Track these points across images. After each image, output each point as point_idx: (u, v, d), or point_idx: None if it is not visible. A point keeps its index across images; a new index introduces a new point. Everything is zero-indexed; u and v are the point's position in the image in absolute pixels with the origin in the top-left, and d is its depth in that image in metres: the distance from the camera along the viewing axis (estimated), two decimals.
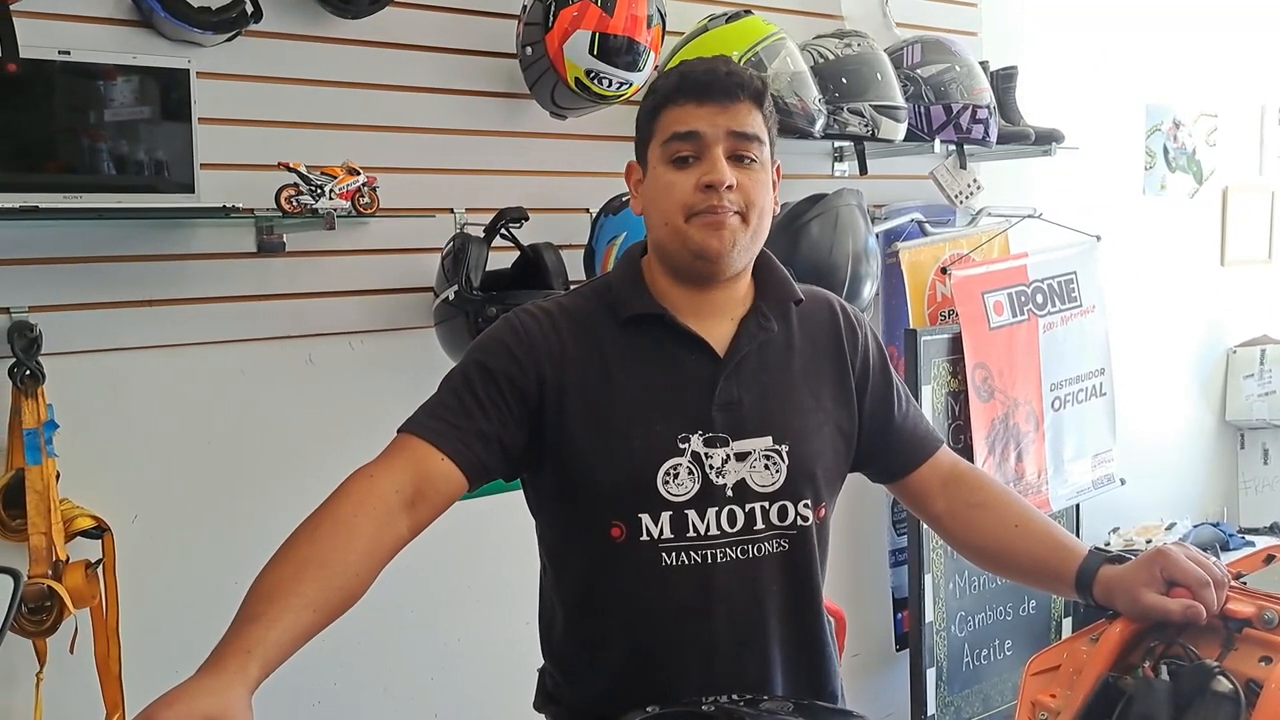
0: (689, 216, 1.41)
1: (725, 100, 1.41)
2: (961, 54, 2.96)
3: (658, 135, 1.44)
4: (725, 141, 1.41)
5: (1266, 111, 4.74)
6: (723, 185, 1.39)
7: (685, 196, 1.41)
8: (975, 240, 3.27)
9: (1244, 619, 1.39)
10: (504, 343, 1.45)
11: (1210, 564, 1.40)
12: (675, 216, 1.42)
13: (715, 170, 1.40)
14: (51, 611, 1.90)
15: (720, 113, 1.41)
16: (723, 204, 1.40)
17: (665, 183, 1.43)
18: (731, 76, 1.42)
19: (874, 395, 1.58)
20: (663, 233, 1.45)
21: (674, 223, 1.43)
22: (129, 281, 2.08)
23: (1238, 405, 4.61)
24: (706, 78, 1.42)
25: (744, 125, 1.42)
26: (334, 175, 2.07)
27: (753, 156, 1.43)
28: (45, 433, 1.93)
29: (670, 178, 1.42)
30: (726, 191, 1.40)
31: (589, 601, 1.49)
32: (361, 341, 2.36)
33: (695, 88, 1.42)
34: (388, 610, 2.40)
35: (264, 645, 1.17)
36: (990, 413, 3.09)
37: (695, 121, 1.41)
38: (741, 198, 1.41)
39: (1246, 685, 1.31)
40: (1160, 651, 1.40)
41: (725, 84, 1.42)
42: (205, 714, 1.06)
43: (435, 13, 2.38)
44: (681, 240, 1.43)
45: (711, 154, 1.41)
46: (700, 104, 1.41)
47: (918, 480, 1.63)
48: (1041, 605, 3.39)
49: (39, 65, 1.86)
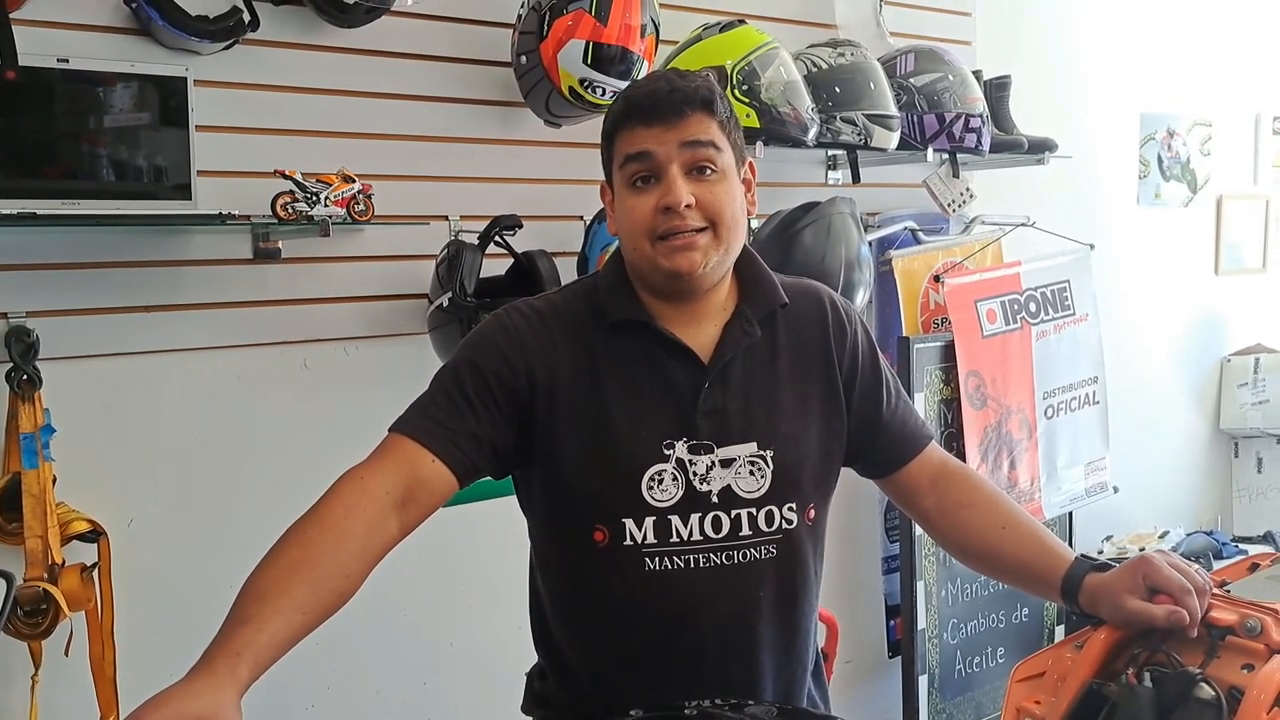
0: (654, 240, 1.41)
1: (673, 117, 1.40)
2: (955, 63, 2.97)
3: (615, 159, 1.44)
4: (680, 156, 1.40)
5: (1260, 120, 4.76)
6: (680, 206, 1.39)
7: (647, 220, 1.41)
8: (968, 248, 3.28)
9: (1227, 627, 1.41)
10: (495, 341, 1.45)
11: (1192, 571, 1.42)
12: (642, 241, 1.42)
13: (671, 192, 1.39)
14: (47, 614, 1.91)
15: (669, 130, 1.39)
16: (685, 224, 1.39)
17: (628, 207, 1.43)
18: (675, 94, 1.40)
19: (862, 391, 1.58)
20: (634, 256, 1.46)
21: (641, 247, 1.43)
22: (126, 287, 2.09)
23: (1232, 414, 4.62)
24: (649, 100, 1.41)
25: (696, 134, 1.40)
26: (329, 182, 2.09)
27: (712, 166, 1.41)
28: (42, 437, 1.94)
29: (631, 202, 1.42)
30: (687, 210, 1.39)
31: (575, 603, 1.50)
32: (356, 347, 2.37)
33: (639, 110, 1.41)
34: (380, 614, 2.41)
35: (254, 647, 1.18)
36: (983, 421, 3.10)
37: (646, 142, 1.40)
38: (704, 212, 1.41)
39: (1229, 692, 1.32)
40: (1144, 659, 1.41)
41: (669, 101, 1.40)
42: (195, 715, 1.08)
43: (430, 22, 2.39)
44: (652, 263, 1.43)
45: (667, 174, 1.40)
46: (648, 125, 1.40)
47: (906, 476, 1.63)
48: (1034, 612, 3.40)
49: (38, 73, 1.87)
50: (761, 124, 2.46)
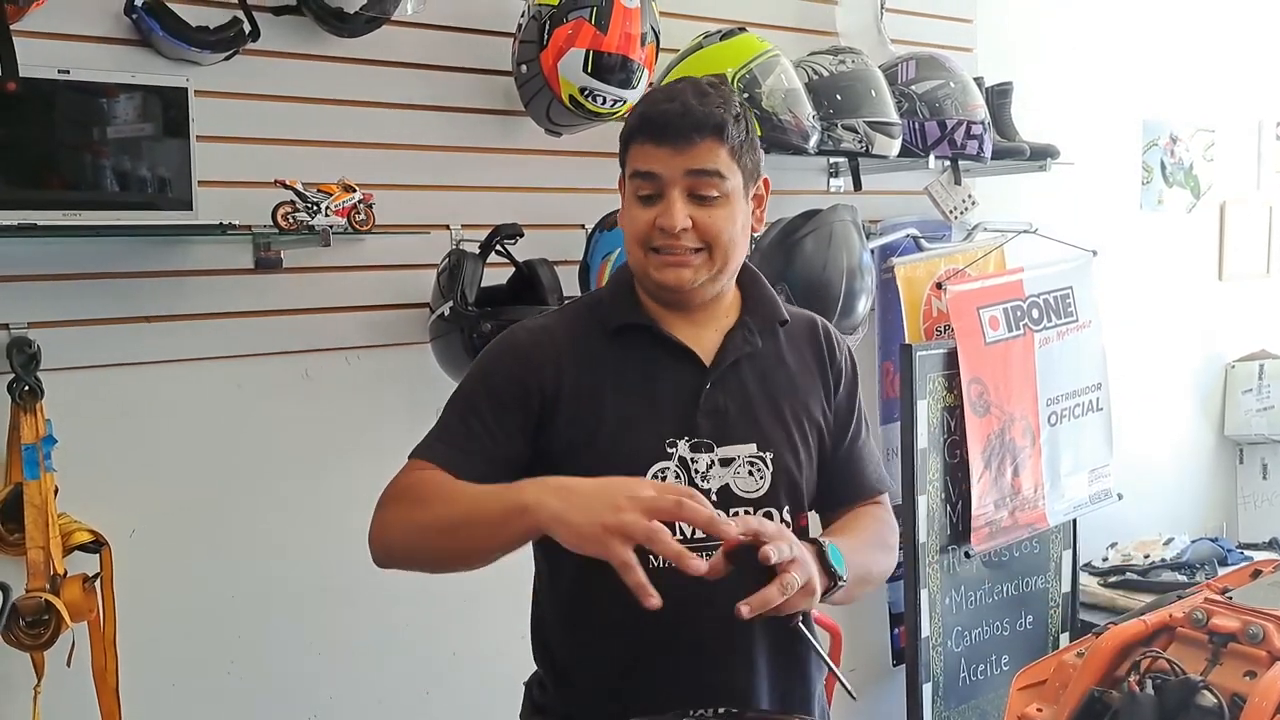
0: (647, 251, 1.46)
1: (682, 143, 1.42)
2: (956, 70, 2.97)
3: (626, 168, 1.50)
4: (683, 181, 1.43)
5: (1264, 126, 4.75)
6: (674, 230, 1.43)
7: (644, 232, 1.46)
8: (971, 255, 3.28)
9: (1229, 634, 1.41)
10: (504, 361, 1.51)
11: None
12: (636, 249, 1.48)
13: (669, 214, 1.43)
14: (49, 625, 1.91)
15: (676, 155, 1.42)
16: (679, 244, 1.44)
17: (631, 216, 1.49)
18: (687, 117, 1.42)
19: (837, 415, 1.61)
20: (631, 259, 1.52)
21: (636, 254, 1.49)
22: (127, 297, 2.09)
23: (1236, 420, 4.61)
24: (662, 119, 1.43)
25: (703, 163, 1.43)
26: (330, 192, 2.09)
27: (715, 194, 1.44)
28: (44, 448, 1.94)
29: (634, 212, 1.48)
30: (683, 233, 1.43)
31: (580, 604, 1.51)
32: (358, 357, 2.37)
33: (652, 128, 1.44)
34: (382, 624, 2.41)
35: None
36: (986, 428, 3.10)
37: (653, 163, 1.44)
38: (701, 235, 1.44)
39: (1231, 700, 1.32)
40: (1146, 666, 1.41)
41: (680, 125, 1.42)
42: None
43: (431, 31, 2.40)
44: (644, 270, 1.49)
45: (668, 196, 1.43)
46: (658, 145, 1.43)
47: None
48: (1039, 620, 3.39)
49: (38, 84, 1.87)
50: (763, 132, 2.46)
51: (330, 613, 2.35)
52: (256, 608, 2.27)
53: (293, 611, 2.31)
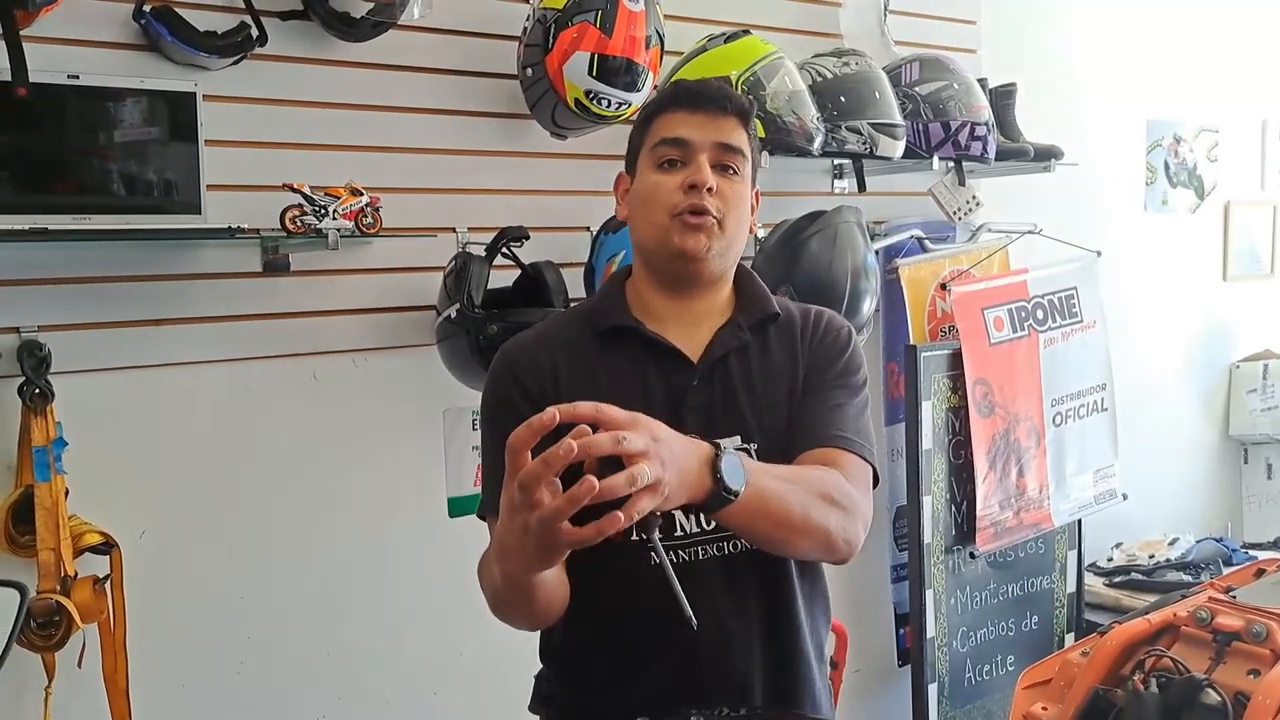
0: (672, 216, 1.49)
1: (716, 111, 1.51)
2: (960, 71, 2.98)
3: (648, 141, 1.53)
4: (711, 151, 1.50)
5: (1268, 126, 4.75)
6: (704, 185, 1.47)
7: (670, 196, 1.49)
8: (975, 256, 3.29)
9: (1233, 632, 1.41)
10: (500, 388, 1.53)
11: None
12: (660, 215, 1.50)
13: (700, 172, 1.48)
14: (60, 626, 1.92)
15: (709, 122, 1.50)
16: (705, 204, 1.47)
17: (651, 183, 1.51)
18: (722, 91, 1.54)
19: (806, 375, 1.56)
20: (646, 233, 1.53)
21: (659, 221, 1.50)
22: (136, 301, 2.11)
23: (1241, 420, 4.60)
24: (699, 87, 1.55)
25: (730, 138, 1.51)
26: (337, 196, 2.10)
27: (736, 168, 1.52)
28: (54, 450, 1.95)
29: (656, 179, 1.51)
30: (708, 194, 1.47)
31: (582, 601, 1.52)
32: (365, 359, 2.39)
33: (688, 95, 1.53)
34: (390, 624, 2.42)
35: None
36: (991, 428, 3.10)
37: (685, 129, 1.50)
38: (722, 204, 1.49)
39: (1235, 698, 1.33)
40: (1151, 665, 1.41)
41: (716, 96, 1.52)
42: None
43: (437, 35, 2.41)
44: (663, 239, 1.50)
45: (697, 160, 1.49)
46: (692, 112, 1.51)
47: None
48: (1044, 620, 3.39)
49: (48, 89, 1.89)
50: (767, 134, 2.47)
51: (339, 614, 2.36)
52: (266, 609, 2.28)
53: (302, 613, 2.32)
